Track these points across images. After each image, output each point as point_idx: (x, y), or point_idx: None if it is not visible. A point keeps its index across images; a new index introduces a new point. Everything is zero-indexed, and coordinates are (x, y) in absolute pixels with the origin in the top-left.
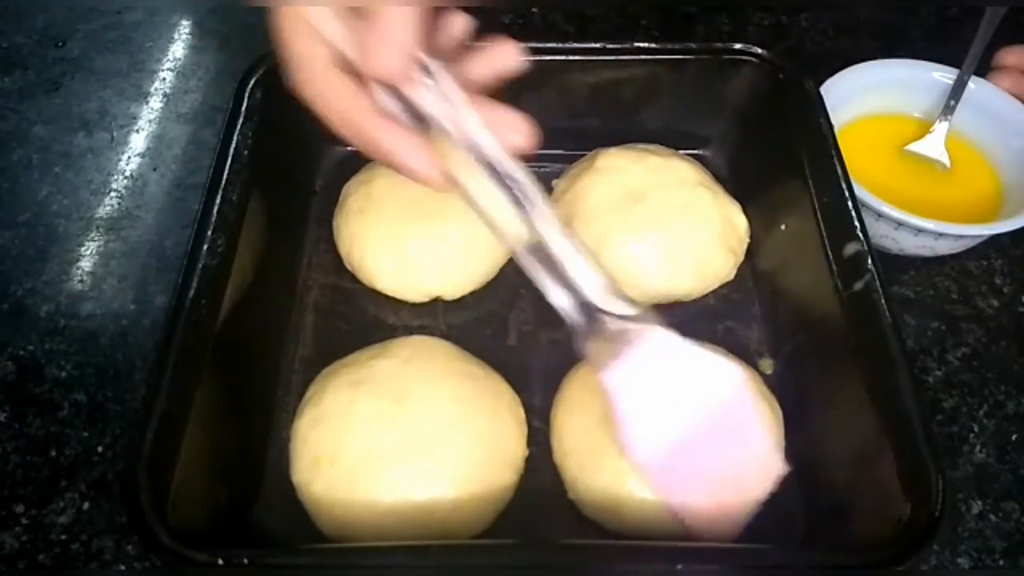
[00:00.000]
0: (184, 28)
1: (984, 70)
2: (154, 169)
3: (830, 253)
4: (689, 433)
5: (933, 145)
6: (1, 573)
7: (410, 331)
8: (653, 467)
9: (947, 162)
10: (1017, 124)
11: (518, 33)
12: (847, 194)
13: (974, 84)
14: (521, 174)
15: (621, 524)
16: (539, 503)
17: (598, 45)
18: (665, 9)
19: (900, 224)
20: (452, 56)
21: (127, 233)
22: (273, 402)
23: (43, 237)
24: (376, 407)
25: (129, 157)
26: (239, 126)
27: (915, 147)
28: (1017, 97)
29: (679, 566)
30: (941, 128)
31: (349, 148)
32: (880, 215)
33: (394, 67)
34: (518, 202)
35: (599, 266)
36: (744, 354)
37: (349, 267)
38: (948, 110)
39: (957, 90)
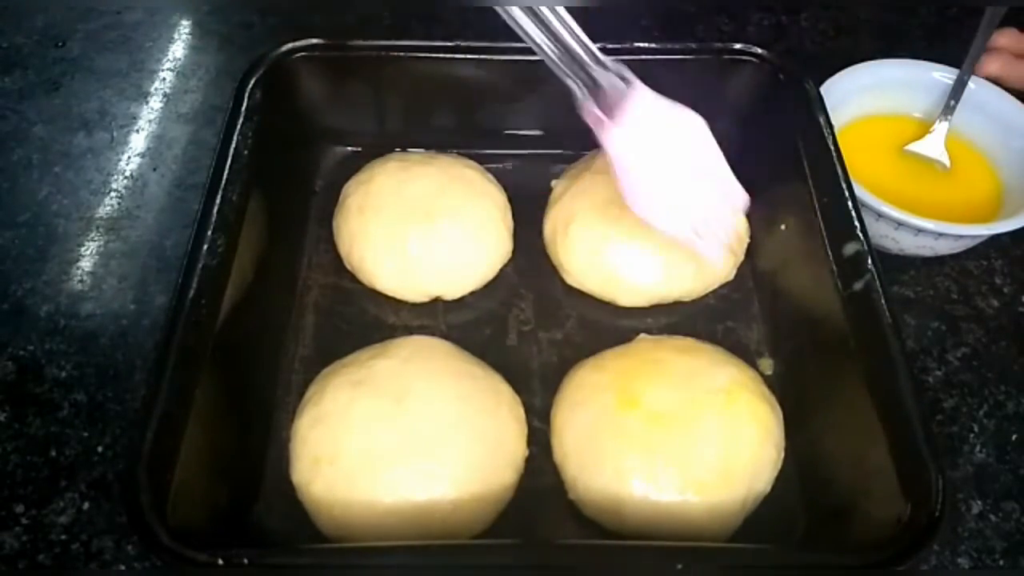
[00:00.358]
0: (184, 28)
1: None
2: (154, 169)
3: (830, 253)
4: (677, 176)
5: (933, 145)
6: (1, 573)
7: (410, 331)
8: (653, 211)
9: (947, 162)
10: (1017, 125)
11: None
12: (847, 194)
13: (974, 84)
14: None
15: (621, 524)
16: (539, 503)
17: (598, 45)
18: (665, 9)
19: (900, 224)
20: None
21: (127, 233)
22: (273, 402)
23: (43, 237)
24: (376, 407)
25: (129, 157)
26: (239, 126)
27: (915, 147)
28: (1006, 80)
29: (679, 566)
30: (941, 128)
31: (349, 148)
32: (880, 215)
33: None
34: None
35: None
36: (744, 354)
37: (349, 267)
38: (948, 110)
39: (957, 90)
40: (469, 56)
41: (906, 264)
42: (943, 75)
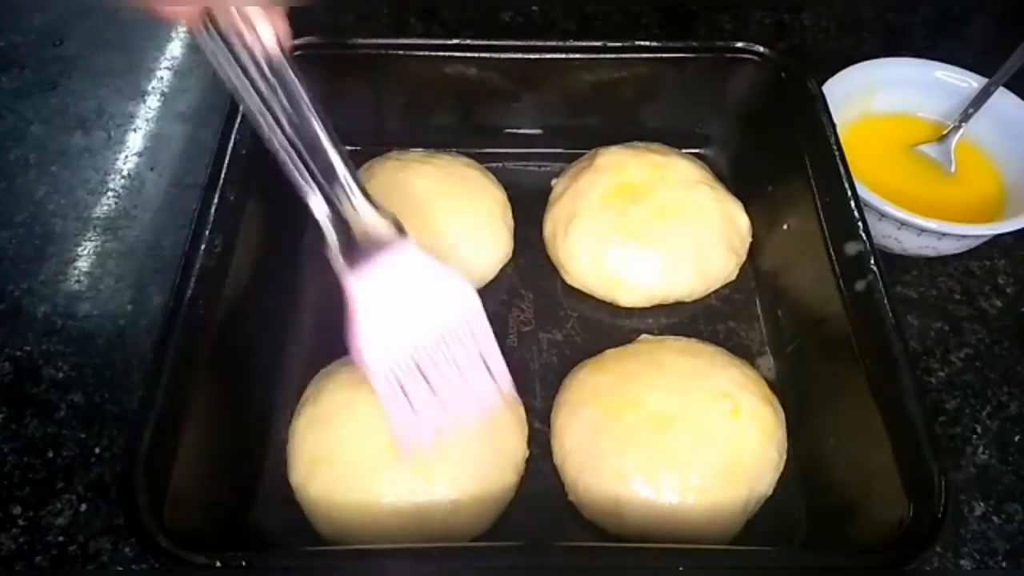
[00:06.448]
0: (182, 27)
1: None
2: (151, 168)
3: (832, 253)
4: (423, 345)
5: (943, 149)
6: None
7: None
8: (374, 363)
9: (953, 168)
10: (1020, 125)
11: (518, 31)
12: (849, 194)
13: (976, 84)
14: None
15: (621, 526)
16: (539, 505)
17: (599, 43)
18: (666, 7)
19: (903, 224)
20: None
21: (124, 233)
22: (271, 403)
23: (40, 237)
24: (375, 407)
25: (126, 156)
26: (237, 125)
27: (925, 148)
28: None
29: (680, 568)
30: (955, 134)
31: (348, 147)
32: (883, 215)
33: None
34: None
35: (359, 178)
36: (746, 354)
37: None
38: (965, 117)
39: (980, 99)
40: (469, 55)
41: (909, 264)
42: (945, 74)
